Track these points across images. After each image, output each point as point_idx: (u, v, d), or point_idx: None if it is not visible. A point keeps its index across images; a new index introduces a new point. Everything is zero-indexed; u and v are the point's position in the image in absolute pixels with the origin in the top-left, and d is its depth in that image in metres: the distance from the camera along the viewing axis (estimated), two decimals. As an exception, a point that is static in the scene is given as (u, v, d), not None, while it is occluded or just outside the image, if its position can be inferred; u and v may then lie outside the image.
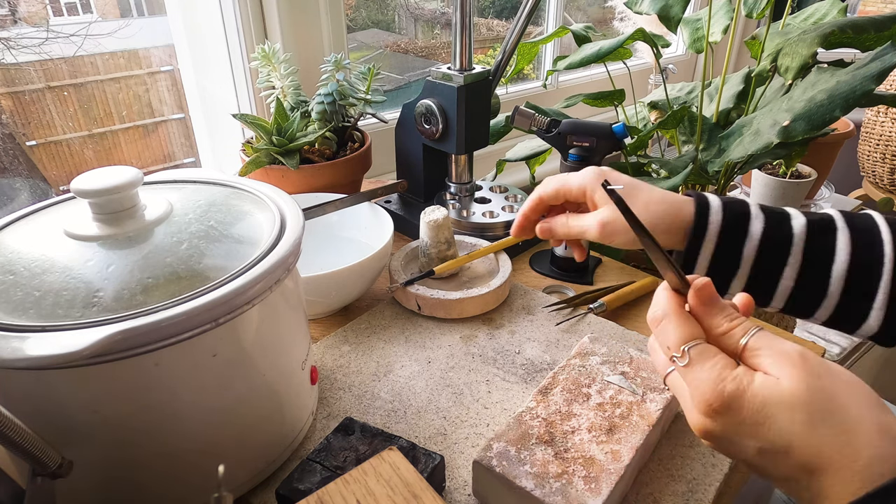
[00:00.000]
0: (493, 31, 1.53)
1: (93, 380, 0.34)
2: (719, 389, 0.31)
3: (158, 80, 1.07)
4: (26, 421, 0.31)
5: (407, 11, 1.40)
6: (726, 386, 0.31)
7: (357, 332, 0.62)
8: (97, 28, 0.97)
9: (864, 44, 0.78)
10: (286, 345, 0.44)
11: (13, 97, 0.92)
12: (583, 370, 0.49)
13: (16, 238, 0.41)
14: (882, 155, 1.57)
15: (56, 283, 0.36)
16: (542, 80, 1.32)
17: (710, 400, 0.31)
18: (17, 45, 0.89)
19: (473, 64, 0.73)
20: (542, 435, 0.43)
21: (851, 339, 1.48)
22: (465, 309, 0.63)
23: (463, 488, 0.44)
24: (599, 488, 0.39)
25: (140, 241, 0.39)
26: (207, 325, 0.36)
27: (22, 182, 0.97)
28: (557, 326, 0.63)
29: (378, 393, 0.54)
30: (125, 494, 0.39)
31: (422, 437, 0.49)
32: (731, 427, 0.31)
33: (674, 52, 1.73)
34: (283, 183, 0.75)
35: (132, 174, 0.41)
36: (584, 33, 0.97)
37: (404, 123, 0.80)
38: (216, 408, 0.39)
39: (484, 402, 0.53)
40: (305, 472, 0.41)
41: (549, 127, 0.68)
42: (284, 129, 0.76)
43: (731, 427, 0.31)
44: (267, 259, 0.39)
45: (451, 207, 0.79)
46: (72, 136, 0.99)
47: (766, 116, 0.74)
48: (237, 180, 0.50)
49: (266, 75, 0.81)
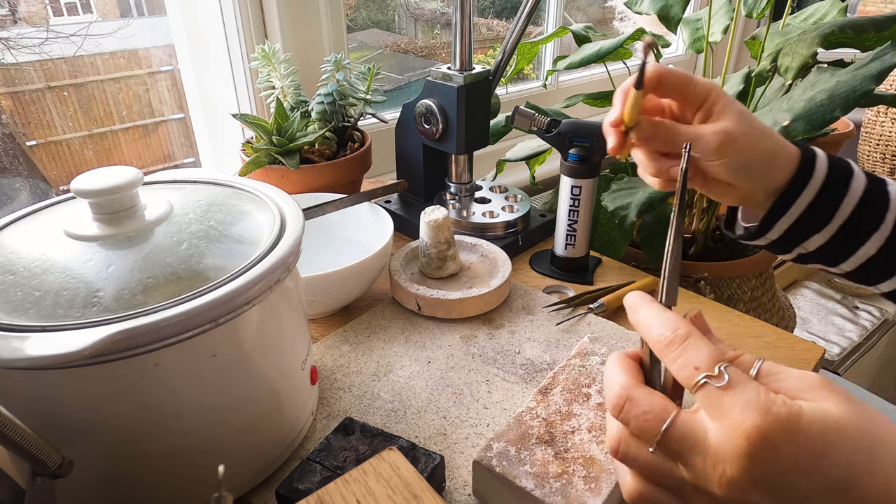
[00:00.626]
0: (493, 31, 1.53)
1: (93, 380, 0.34)
2: (774, 413, 0.25)
3: (158, 80, 1.07)
4: (26, 421, 0.31)
5: (407, 11, 1.40)
6: (780, 409, 0.25)
7: (357, 332, 0.62)
8: (97, 28, 0.97)
9: (864, 44, 0.78)
10: (286, 345, 0.44)
11: (13, 97, 0.92)
12: (583, 370, 0.49)
13: (16, 238, 0.41)
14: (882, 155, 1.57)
15: (56, 283, 0.36)
16: (542, 80, 1.32)
17: (763, 427, 0.25)
18: (17, 45, 0.89)
19: (473, 64, 0.73)
20: (542, 435, 0.43)
21: (851, 340, 1.48)
22: (465, 309, 0.63)
23: (463, 488, 0.44)
24: (599, 488, 0.39)
25: (140, 241, 0.39)
26: (207, 325, 0.36)
27: (22, 182, 0.97)
28: (557, 326, 0.63)
29: (378, 393, 0.54)
30: (125, 494, 0.39)
31: (422, 437, 0.49)
32: (788, 462, 0.25)
33: (674, 52, 1.73)
34: (283, 183, 0.75)
35: (132, 174, 0.41)
36: (584, 33, 0.97)
37: (404, 123, 0.80)
38: (216, 408, 0.39)
39: (484, 402, 0.53)
40: (305, 472, 0.41)
41: (549, 127, 0.68)
42: (284, 129, 0.76)
43: (788, 462, 0.25)
44: (267, 259, 0.39)
45: (451, 207, 0.79)
46: (72, 136, 0.99)
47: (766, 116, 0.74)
48: (237, 180, 0.50)
49: (266, 75, 0.81)
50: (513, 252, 0.76)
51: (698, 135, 0.43)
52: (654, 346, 0.29)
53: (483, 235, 0.75)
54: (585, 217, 0.69)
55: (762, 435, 0.25)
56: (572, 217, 0.69)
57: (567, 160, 0.67)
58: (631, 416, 0.29)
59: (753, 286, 0.94)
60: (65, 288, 0.35)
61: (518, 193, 0.82)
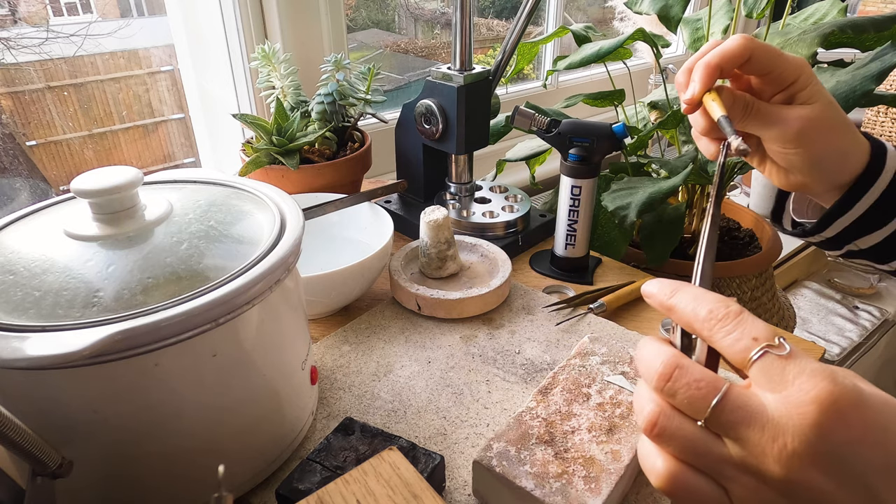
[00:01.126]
0: (493, 31, 1.53)
1: (93, 380, 0.34)
2: (841, 382, 0.24)
3: (158, 80, 1.07)
4: (26, 421, 0.31)
5: (407, 11, 1.40)
6: (846, 380, 0.24)
7: (357, 332, 0.62)
8: (97, 28, 0.97)
9: (864, 44, 0.78)
10: (286, 345, 0.44)
11: (13, 97, 0.92)
12: (583, 370, 0.49)
13: (16, 238, 0.41)
14: (882, 155, 1.56)
15: (56, 283, 0.36)
16: (542, 80, 1.32)
17: (835, 393, 0.23)
18: (17, 45, 0.89)
19: (473, 64, 0.73)
20: (542, 435, 0.43)
21: (851, 340, 1.48)
22: (465, 309, 0.63)
23: (463, 488, 0.44)
24: (599, 488, 0.39)
25: (140, 241, 0.39)
26: (207, 325, 0.35)
27: (22, 182, 0.97)
28: (557, 326, 0.63)
29: (378, 393, 0.54)
30: (125, 494, 0.39)
31: (422, 437, 0.49)
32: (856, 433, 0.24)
33: (674, 52, 1.73)
34: (283, 183, 0.75)
35: (132, 174, 0.41)
36: (584, 33, 0.97)
37: (404, 123, 0.80)
38: (216, 408, 0.39)
39: (484, 402, 0.53)
40: (305, 472, 0.41)
41: (549, 127, 0.68)
42: (284, 129, 0.76)
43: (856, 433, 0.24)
44: (267, 259, 0.39)
45: (451, 207, 0.79)
46: (72, 136, 0.99)
47: (766, 116, 0.74)
48: (237, 180, 0.50)
49: (266, 75, 0.81)
50: (513, 252, 0.76)
51: (777, 117, 0.40)
52: (705, 322, 0.27)
53: (483, 235, 0.75)
54: (585, 217, 0.69)
55: (834, 400, 0.23)
56: (572, 217, 0.69)
57: (567, 160, 0.67)
58: (681, 385, 0.27)
59: (753, 286, 0.94)
60: (65, 288, 0.35)
61: (518, 193, 0.82)
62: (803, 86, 0.40)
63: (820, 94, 0.40)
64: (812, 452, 0.24)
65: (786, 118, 0.40)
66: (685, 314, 0.28)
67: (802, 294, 1.64)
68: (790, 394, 0.24)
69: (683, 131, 0.99)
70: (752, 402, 0.25)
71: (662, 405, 0.27)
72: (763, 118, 0.40)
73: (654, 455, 0.28)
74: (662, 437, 0.27)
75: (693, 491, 0.27)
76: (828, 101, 0.40)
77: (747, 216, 1.07)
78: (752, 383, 0.26)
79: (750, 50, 0.39)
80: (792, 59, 0.40)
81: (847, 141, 0.41)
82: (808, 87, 0.40)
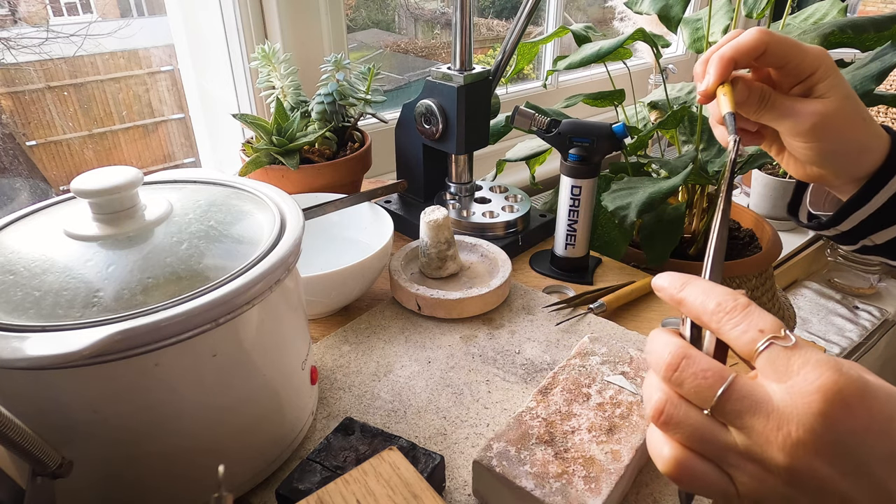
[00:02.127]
0: (493, 31, 1.53)
1: (93, 380, 0.34)
2: (846, 372, 0.24)
3: (158, 80, 1.07)
4: (26, 421, 0.31)
5: (407, 11, 1.40)
6: (850, 370, 0.24)
7: (357, 332, 0.62)
8: (97, 28, 0.97)
9: (864, 44, 0.78)
10: (286, 345, 0.44)
11: (13, 97, 0.92)
12: (583, 370, 0.49)
13: (16, 238, 0.41)
14: (882, 155, 1.56)
15: (56, 283, 0.36)
16: (542, 80, 1.32)
17: (840, 383, 0.24)
18: (17, 45, 0.89)
19: (473, 64, 0.73)
20: (542, 435, 0.43)
21: (851, 340, 1.48)
22: (465, 309, 0.63)
23: (463, 488, 0.44)
24: (599, 488, 0.39)
25: (140, 241, 0.39)
26: (207, 325, 0.36)
27: (22, 182, 0.97)
28: (557, 326, 0.63)
29: (378, 393, 0.54)
30: (125, 494, 0.39)
31: (422, 437, 0.49)
32: (860, 422, 0.24)
33: (674, 52, 1.73)
34: (283, 183, 0.75)
35: (132, 174, 0.41)
36: (584, 33, 0.97)
37: (404, 123, 0.80)
38: (216, 408, 0.39)
39: (484, 402, 0.53)
40: (305, 472, 0.41)
41: (549, 127, 0.68)
42: (284, 129, 0.76)
43: (860, 422, 0.24)
44: (267, 259, 0.39)
45: (451, 207, 0.79)
46: (72, 136, 0.99)
47: (766, 116, 0.74)
48: (237, 180, 0.50)
49: (266, 75, 0.81)
50: (513, 252, 0.76)
51: (791, 111, 0.39)
52: (713, 315, 0.28)
53: (483, 235, 0.75)
54: (585, 217, 0.69)
55: (839, 390, 0.24)
56: (572, 217, 0.69)
57: (567, 160, 0.67)
58: (688, 374, 0.27)
59: (753, 286, 0.94)
60: (65, 288, 0.35)
61: (518, 193, 0.82)
62: (821, 78, 0.40)
63: (838, 88, 0.40)
64: (816, 441, 0.24)
65: (799, 112, 0.40)
66: (694, 307, 0.29)
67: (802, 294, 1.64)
68: (795, 383, 0.25)
69: (683, 131, 0.99)
70: (758, 391, 0.26)
71: (670, 394, 0.28)
72: (777, 111, 0.40)
73: (661, 442, 0.29)
74: (669, 425, 0.28)
75: (699, 477, 0.28)
76: (845, 94, 0.40)
77: (747, 216, 1.07)
78: (759, 374, 0.26)
79: (765, 43, 0.39)
80: (811, 51, 0.39)
81: (865, 134, 0.41)
82: (827, 79, 0.39)
